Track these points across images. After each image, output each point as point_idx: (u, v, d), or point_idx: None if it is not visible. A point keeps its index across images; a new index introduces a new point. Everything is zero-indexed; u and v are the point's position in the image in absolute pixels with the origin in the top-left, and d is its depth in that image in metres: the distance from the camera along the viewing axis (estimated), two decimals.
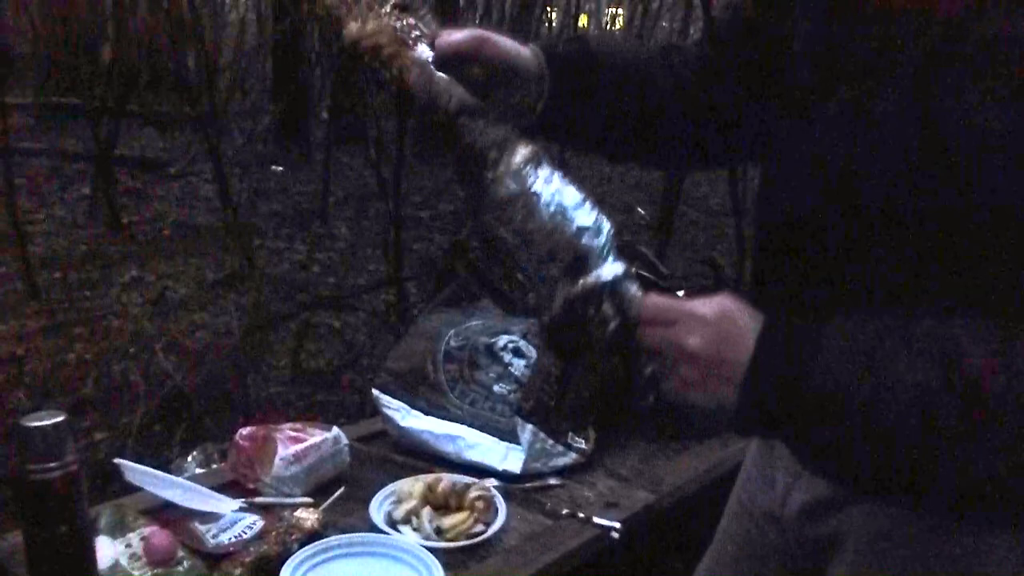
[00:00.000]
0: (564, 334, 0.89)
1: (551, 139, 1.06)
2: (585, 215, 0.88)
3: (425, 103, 0.94)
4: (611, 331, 0.85)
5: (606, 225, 0.89)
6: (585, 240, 0.87)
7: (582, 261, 0.87)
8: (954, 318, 0.72)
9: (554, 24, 9.08)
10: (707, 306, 0.79)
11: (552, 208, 0.87)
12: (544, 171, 0.89)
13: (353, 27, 0.96)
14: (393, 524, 1.31)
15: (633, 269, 0.88)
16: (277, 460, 1.37)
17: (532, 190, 0.88)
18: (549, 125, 1.00)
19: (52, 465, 1.01)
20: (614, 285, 0.86)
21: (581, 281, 0.86)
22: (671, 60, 1.05)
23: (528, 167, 0.89)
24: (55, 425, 1.02)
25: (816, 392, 0.73)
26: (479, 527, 1.31)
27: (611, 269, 0.87)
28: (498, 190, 0.89)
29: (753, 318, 0.78)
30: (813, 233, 0.85)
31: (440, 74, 0.95)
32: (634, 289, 0.86)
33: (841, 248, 0.83)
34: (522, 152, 0.90)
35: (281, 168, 6.55)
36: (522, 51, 0.97)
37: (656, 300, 0.83)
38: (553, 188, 0.88)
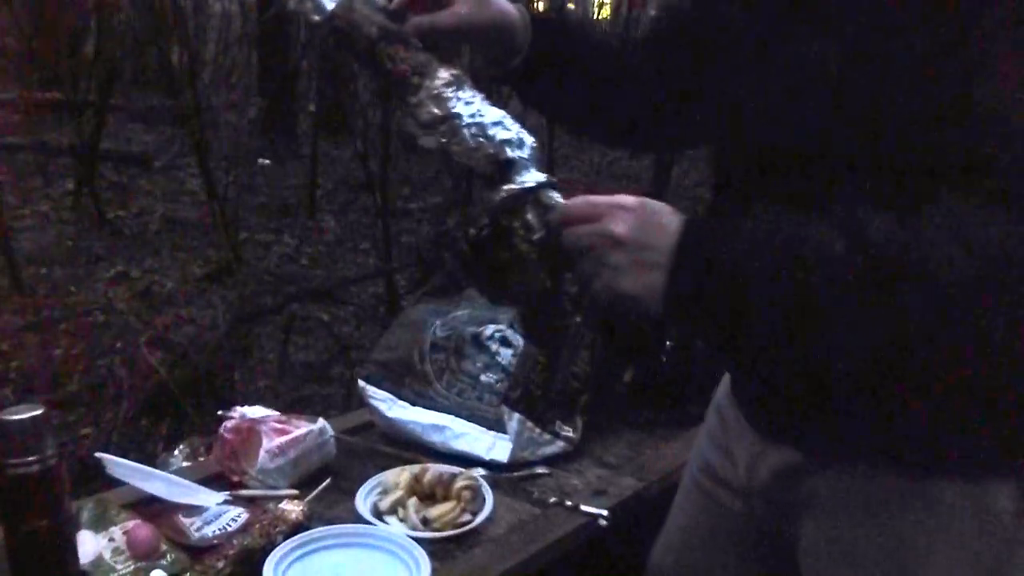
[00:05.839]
0: (489, 252, 0.89)
1: (520, 96, 1.14)
2: (506, 130, 0.90)
3: (345, 31, 0.95)
4: (537, 240, 0.86)
5: (528, 139, 0.91)
6: (507, 152, 0.88)
7: (504, 172, 0.88)
8: (859, 206, 0.78)
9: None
10: (629, 198, 0.84)
11: (473, 128, 0.89)
12: (465, 93, 0.92)
13: None
14: (379, 515, 1.30)
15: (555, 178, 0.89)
16: (262, 452, 1.36)
17: (453, 111, 0.90)
18: (520, 82, 1.09)
19: (31, 459, 1.00)
20: (536, 191, 0.87)
21: (504, 187, 0.87)
22: (627, 49, 1.14)
23: (449, 90, 0.91)
24: (33, 419, 1.00)
25: (739, 264, 0.78)
26: (466, 517, 1.30)
27: (533, 176, 0.88)
28: (421, 114, 0.91)
29: (674, 212, 0.83)
30: (764, 185, 0.92)
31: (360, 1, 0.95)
32: (557, 196, 0.88)
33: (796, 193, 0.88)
34: (443, 75, 0.92)
35: (268, 161, 6.51)
36: (511, 8, 1.04)
37: (579, 198, 0.86)
38: (474, 108, 0.90)
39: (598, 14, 11.79)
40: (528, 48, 1.04)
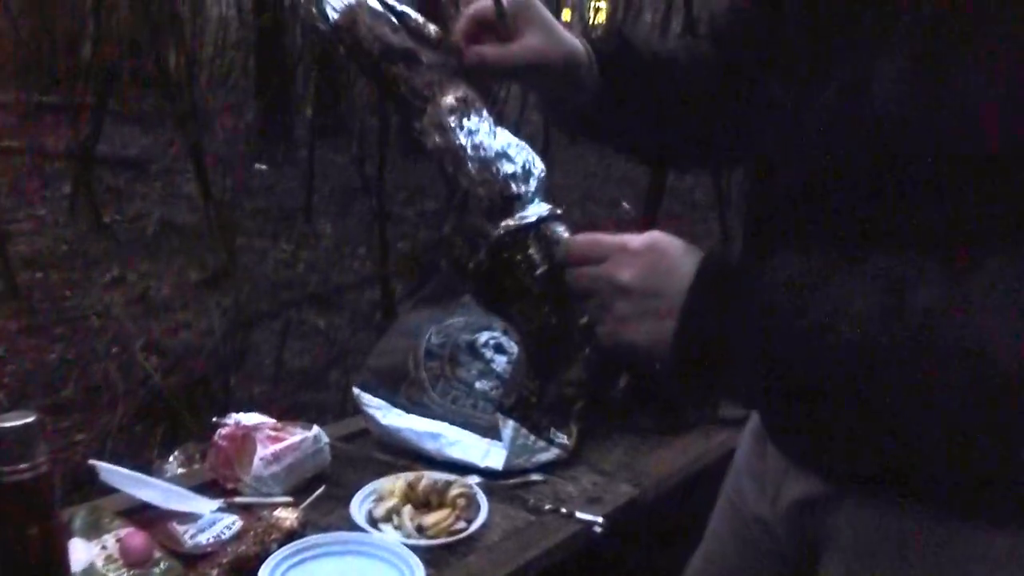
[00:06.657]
0: (491, 284, 0.86)
1: (585, 135, 1.05)
2: (510, 163, 0.86)
3: (349, 46, 0.91)
4: (539, 276, 0.83)
5: (537, 168, 0.88)
6: (511, 188, 0.85)
7: (506, 205, 0.85)
8: (900, 256, 0.70)
9: None
10: (637, 240, 0.77)
11: (476, 163, 0.86)
12: (471, 121, 0.87)
13: None
14: (374, 523, 1.30)
15: (559, 210, 0.85)
16: (256, 459, 1.36)
17: (456, 142, 0.86)
18: (589, 122, 0.98)
19: (22, 466, 0.99)
20: (538, 226, 0.84)
21: (503, 223, 0.84)
22: (690, 62, 1.02)
23: (453, 117, 0.87)
24: (25, 426, 0.99)
25: (761, 316, 0.71)
26: (460, 524, 1.29)
27: (535, 210, 0.85)
28: (426, 142, 0.88)
29: (687, 251, 0.77)
30: (808, 217, 0.83)
31: (368, 10, 0.90)
32: (561, 230, 0.84)
33: (837, 230, 0.80)
34: (447, 101, 0.88)
35: (264, 166, 6.51)
36: (576, 40, 0.93)
37: (583, 237, 0.81)
38: (478, 139, 0.87)
39: (594, 19, 11.81)
40: (597, 86, 0.93)
